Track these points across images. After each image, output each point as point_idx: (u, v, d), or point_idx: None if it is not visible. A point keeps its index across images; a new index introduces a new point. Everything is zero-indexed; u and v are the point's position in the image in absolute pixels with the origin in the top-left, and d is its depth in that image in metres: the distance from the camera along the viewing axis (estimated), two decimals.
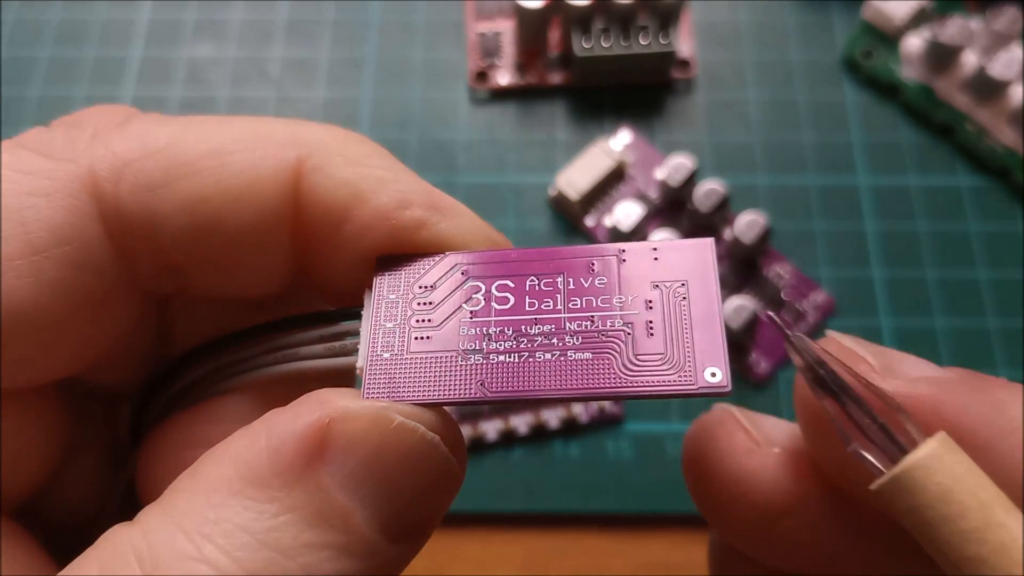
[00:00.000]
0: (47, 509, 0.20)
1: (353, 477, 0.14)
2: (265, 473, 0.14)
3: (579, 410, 0.38)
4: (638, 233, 0.41)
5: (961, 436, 0.14)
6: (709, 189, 0.40)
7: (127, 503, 0.20)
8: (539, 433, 0.38)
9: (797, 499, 0.17)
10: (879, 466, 0.14)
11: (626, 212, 0.40)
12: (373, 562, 0.15)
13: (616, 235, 0.40)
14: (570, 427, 0.38)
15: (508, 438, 0.38)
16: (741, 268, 0.41)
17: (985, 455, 0.14)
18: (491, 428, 0.38)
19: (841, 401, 0.14)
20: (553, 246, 0.17)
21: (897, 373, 0.15)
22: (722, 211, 0.41)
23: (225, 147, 0.17)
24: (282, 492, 0.14)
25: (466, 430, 0.38)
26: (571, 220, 0.43)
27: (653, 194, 0.43)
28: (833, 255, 0.42)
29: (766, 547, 0.18)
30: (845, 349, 0.16)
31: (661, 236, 0.40)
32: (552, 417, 0.38)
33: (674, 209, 0.42)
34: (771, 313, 0.16)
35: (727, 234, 0.42)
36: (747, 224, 0.40)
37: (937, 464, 0.13)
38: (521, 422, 0.38)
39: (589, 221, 0.42)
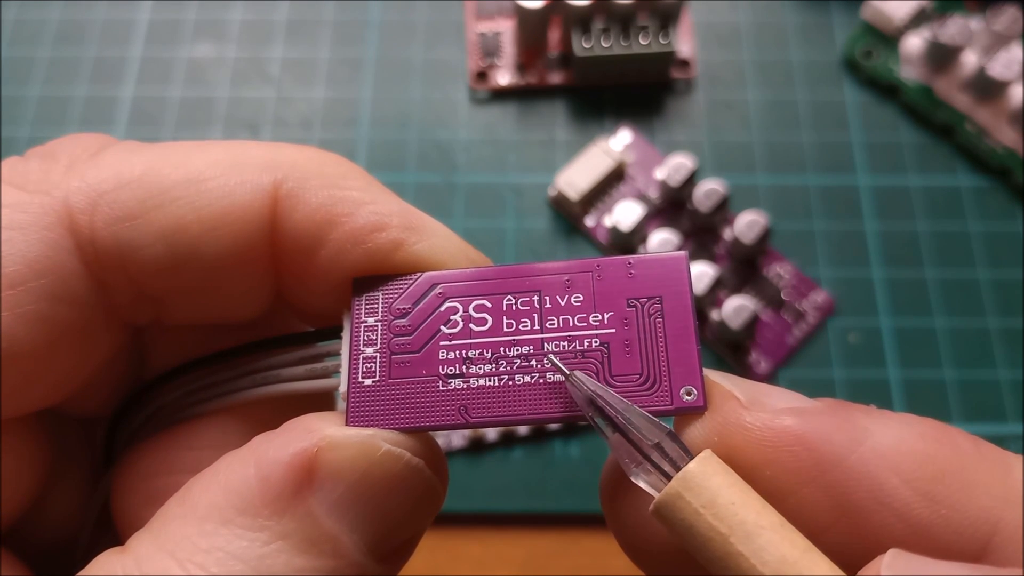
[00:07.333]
0: (31, 532, 0.19)
1: (341, 503, 0.15)
2: (255, 501, 0.14)
3: None
4: (638, 233, 0.41)
5: (826, 464, 0.14)
6: (709, 189, 0.40)
7: (100, 526, 0.20)
8: (539, 433, 0.38)
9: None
10: (651, 492, 0.15)
11: (626, 212, 0.40)
12: None
13: (616, 235, 0.40)
14: (570, 427, 0.38)
15: (508, 438, 0.38)
16: (741, 268, 0.41)
17: (851, 481, 0.14)
18: (491, 428, 0.38)
19: (624, 433, 0.15)
20: (548, 253, 0.17)
21: (763, 406, 0.15)
22: (722, 211, 0.41)
23: (201, 174, 0.17)
24: (272, 520, 0.14)
25: (466, 430, 0.38)
26: (571, 220, 0.43)
27: (653, 194, 0.43)
28: (833, 255, 0.42)
29: None
30: (714, 384, 0.16)
31: (661, 236, 0.40)
32: None
33: (674, 209, 0.42)
34: (551, 355, 0.16)
35: (727, 234, 0.42)
36: (747, 224, 0.40)
37: (677, 502, 0.14)
38: None
39: (589, 221, 0.42)
